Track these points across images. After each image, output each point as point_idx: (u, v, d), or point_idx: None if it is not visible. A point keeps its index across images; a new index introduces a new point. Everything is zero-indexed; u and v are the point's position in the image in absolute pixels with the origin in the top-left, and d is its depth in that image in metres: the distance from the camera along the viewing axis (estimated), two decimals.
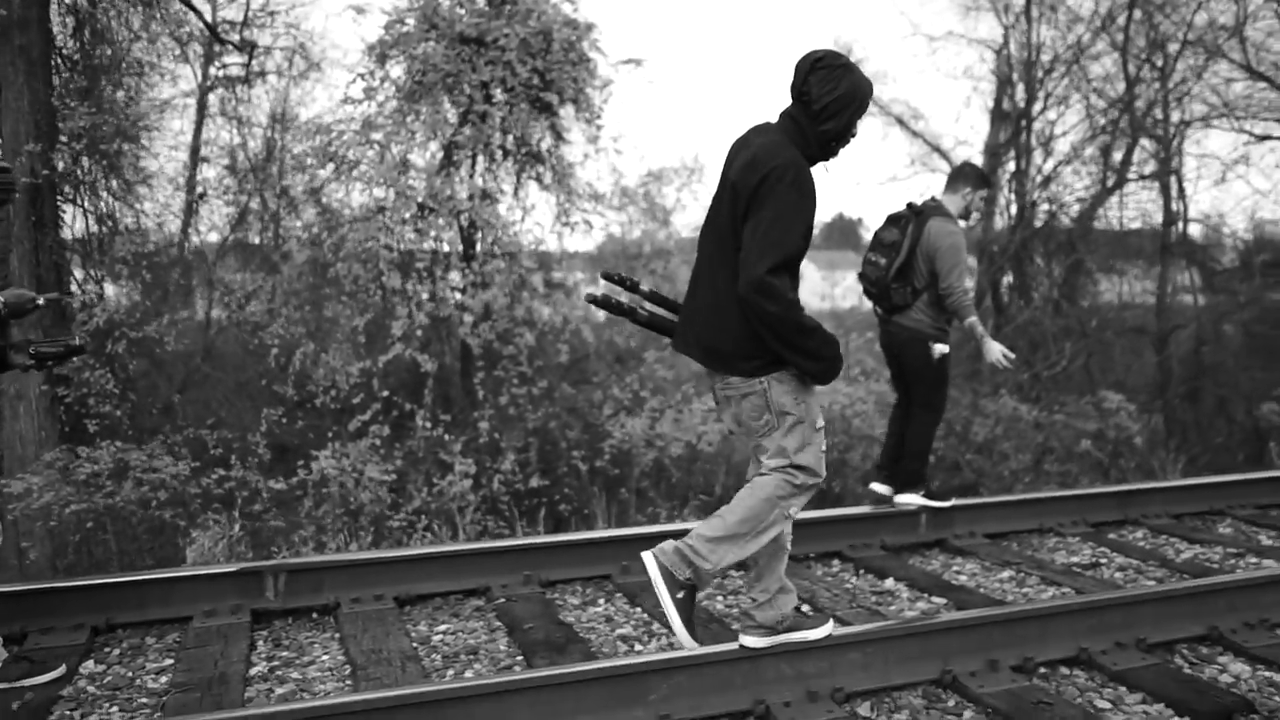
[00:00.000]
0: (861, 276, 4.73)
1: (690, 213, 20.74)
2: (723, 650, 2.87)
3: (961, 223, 4.69)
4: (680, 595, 2.75)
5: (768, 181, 2.66)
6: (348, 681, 3.03)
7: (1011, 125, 14.67)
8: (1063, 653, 3.28)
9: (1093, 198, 14.51)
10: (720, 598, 3.91)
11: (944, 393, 4.74)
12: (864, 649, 3.02)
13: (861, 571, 4.35)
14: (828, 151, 2.82)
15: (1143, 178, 14.96)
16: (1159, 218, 15.30)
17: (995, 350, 4.54)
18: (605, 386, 8.84)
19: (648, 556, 2.79)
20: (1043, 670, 3.24)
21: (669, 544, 2.80)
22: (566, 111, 9.13)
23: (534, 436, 8.26)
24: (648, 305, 3.35)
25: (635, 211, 16.15)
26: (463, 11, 8.73)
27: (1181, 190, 15.50)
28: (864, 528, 4.64)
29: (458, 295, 8.11)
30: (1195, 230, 15.97)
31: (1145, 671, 3.18)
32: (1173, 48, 15.98)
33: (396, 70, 8.74)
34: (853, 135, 2.85)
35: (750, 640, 2.87)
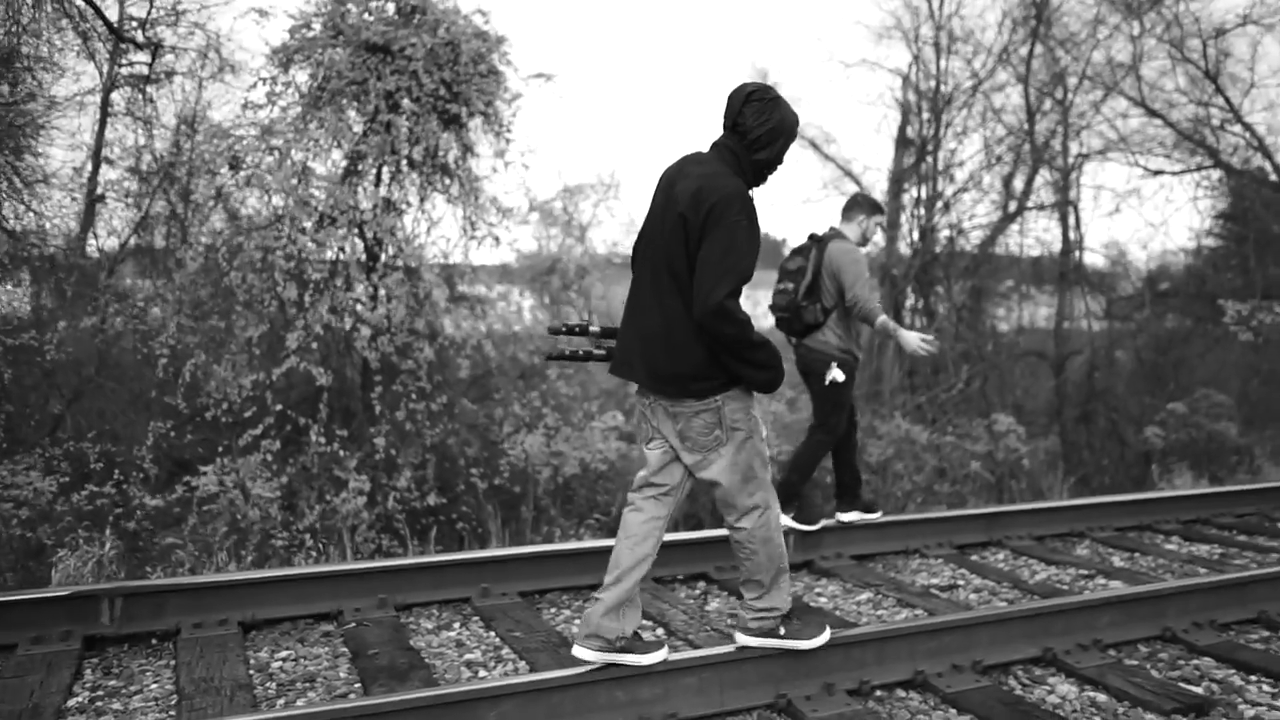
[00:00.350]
0: (772, 307, 4.90)
1: (606, 228, 20.68)
2: (553, 677, 2.88)
3: (860, 249, 4.88)
4: (790, 626, 3.15)
5: (716, 210, 2.80)
6: (171, 712, 2.94)
7: (916, 152, 15.12)
8: (899, 675, 3.37)
9: (993, 225, 15.04)
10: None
11: (839, 417, 4.84)
12: (699, 674, 3.06)
13: (725, 594, 4.40)
14: (760, 179, 3.05)
15: (1041, 207, 15.57)
16: (1058, 246, 15.95)
17: (913, 339, 4.64)
18: (506, 403, 8.78)
19: (740, 638, 3.14)
20: (879, 693, 3.33)
21: (746, 617, 3.14)
22: (475, 124, 9.11)
23: (431, 453, 8.17)
24: (604, 343, 3.57)
25: (547, 226, 16.20)
26: (370, 19, 8.65)
27: (1078, 220, 16.18)
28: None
29: (357, 307, 7.98)
30: (1096, 258, 16.69)
31: (976, 693, 3.29)
32: (1072, 81, 16.72)
33: (301, 76, 8.61)
34: (780, 163, 3.08)
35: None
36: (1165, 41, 16.85)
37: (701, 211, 2.81)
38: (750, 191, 2.95)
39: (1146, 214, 30.94)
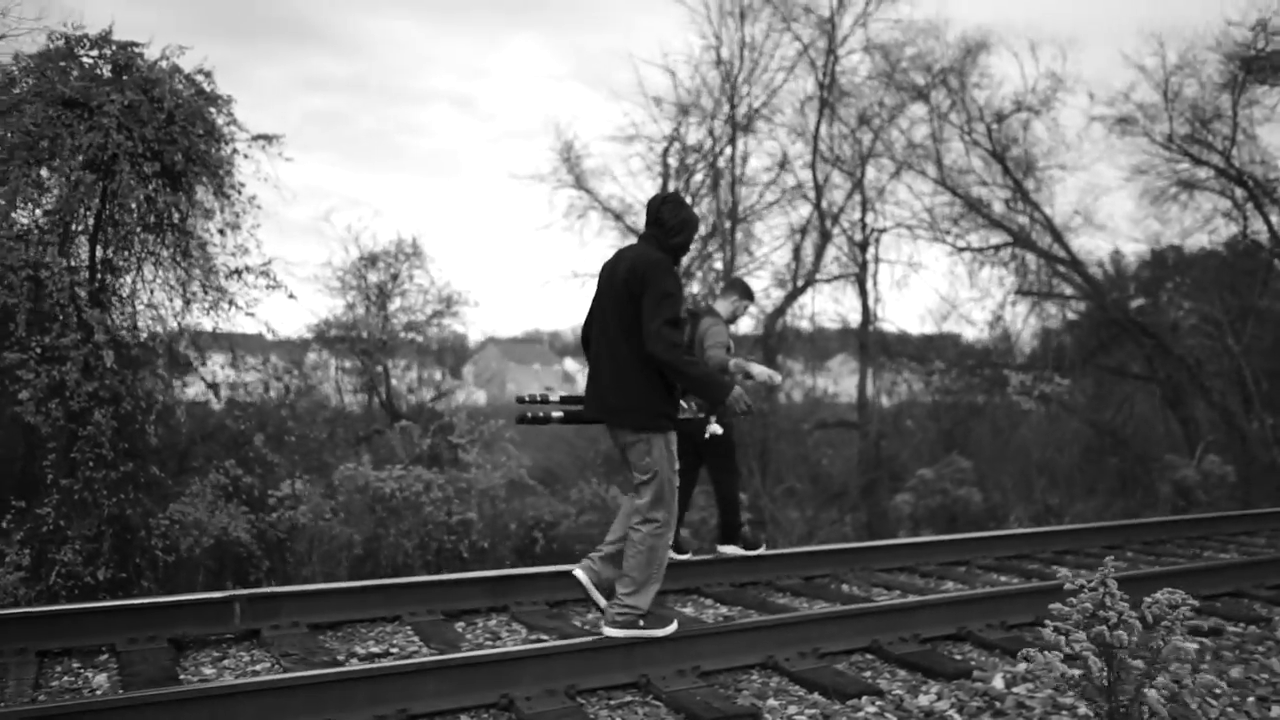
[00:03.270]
0: None
1: (411, 298, 20.22)
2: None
3: (731, 327, 5.82)
4: (641, 624, 3.92)
5: (650, 273, 3.86)
6: None
7: (715, 225, 15.58)
8: (627, 678, 3.85)
9: (785, 296, 15.52)
10: None
11: (734, 458, 5.84)
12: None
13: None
14: (677, 258, 4.09)
15: (832, 279, 16.17)
16: (856, 317, 16.57)
17: (762, 371, 5.70)
18: (204, 472, 8.41)
19: (608, 630, 3.90)
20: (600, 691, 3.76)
21: (612, 610, 3.92)
22: (198, 185, 8.89)
23: (109, 525, 7.70)
24: (566, 407, 4.54)
25: (340, 294, 15.84)
26: (76, 75, 8.41)
27: (875, 291, 16.86)
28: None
29: (16, 371, 7.54)
30: (895, 328, 17.41)
31: (696, 692, 3.71)
32: (874, 161, 17.61)
33: None
34: (689, 246, 4.22)
35: (613, 632, 3.91)
36: (955, 126, 17.98)
37: (639, 275, 3.87)
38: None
39: (943, 288, 32.62)
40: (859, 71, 16.23)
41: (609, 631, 3.86)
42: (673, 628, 3.95)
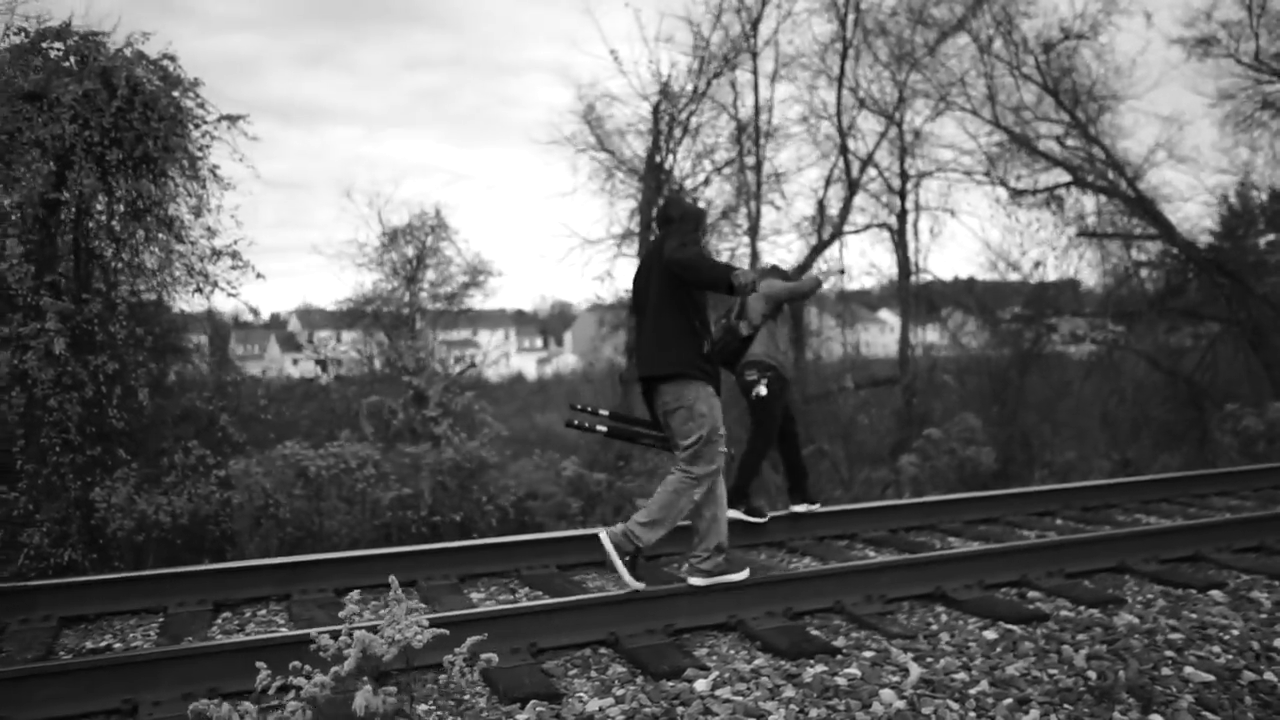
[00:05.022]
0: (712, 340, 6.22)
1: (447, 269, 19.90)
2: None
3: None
4: (627, 559, 4.23)
5: (668, 236, 4.40)
6: None
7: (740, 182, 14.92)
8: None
9: (811, 249, 14.78)
10: None
11: (772, 425, 5.83)
12: None
13: None
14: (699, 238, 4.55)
15: (864, 229, 15.31)
16: (893, 270, 15.69)
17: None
18: (171, 452, 8.53)
19: (603, 535, 4.28)
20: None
21: (618, 527, 4.30)
22: (171, 169, 8.94)
23: (76, 508, 7.90)
24: (611, 422, 4.73)
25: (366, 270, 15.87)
26: (36, 67, 8.53)
27: (916, 241, 15.92)
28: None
29: None
30: (937, 279, 16.42)
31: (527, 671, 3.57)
32: (913, 101, 16.52)
33: None
34: (701, 237, 4.63)
35: (696, 580, 4.31)
36: (1004, 61, 16.72)
37: (660, 244, 4.40)
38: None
39: (992, 235, 30.30)
40: (883, 7, 15.21)
41: (608, 548, 4.20)
42: (640, 585, 4.21)
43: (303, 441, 8.53)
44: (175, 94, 8.93)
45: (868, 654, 3.75)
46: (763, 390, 5.66)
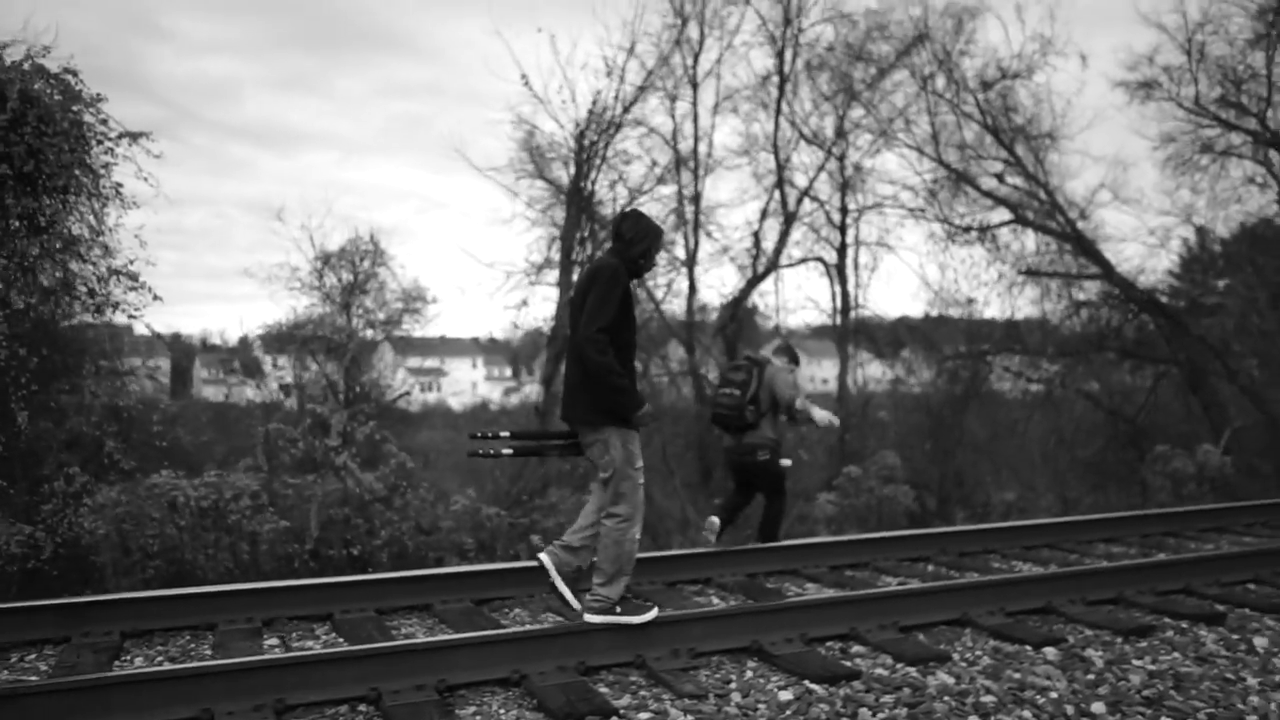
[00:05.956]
0: (718, 405, 6.37)
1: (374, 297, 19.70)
2: None
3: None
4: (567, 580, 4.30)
5: (598, 277, 4.20)
6: None
7: (678, 211, 14.84)
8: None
9: (746, 282, 14.68)
10: None
11: (782, 485, 6.50)
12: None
13: None
14: (637, 270, 4.43)
15: (797, 262, 15.24)
16: (828, 304, 15.62)
17: (823, 416, 6.35)
18: (52, 479, 8.23)
19: (543, 557, 4.29)
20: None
21: (555, 546, 4.33)
22: (71, 186, 8.71)
23: None
24: (514, 442, 4.69)
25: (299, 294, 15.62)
26: None
27: (856, 276, 15.86)
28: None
29: None
30: (877, 314, 16.35)
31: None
32: (855, 135, 16.54)
33: None
34: (654, 261, 4.53)
35: (591, 618, 4.17)
36: (945, 99, 16.80)
37: (585, 281, 4.24)
38: (633, 277, 4.39)
39: (930, 271, 30.32)
40: (822, 41, 15.23)
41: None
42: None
43: (178, 471, 8.25)
44: (75, 109, 8.73)
45: (644, 715, 3.53)
46: (787, 461, 6.42)
